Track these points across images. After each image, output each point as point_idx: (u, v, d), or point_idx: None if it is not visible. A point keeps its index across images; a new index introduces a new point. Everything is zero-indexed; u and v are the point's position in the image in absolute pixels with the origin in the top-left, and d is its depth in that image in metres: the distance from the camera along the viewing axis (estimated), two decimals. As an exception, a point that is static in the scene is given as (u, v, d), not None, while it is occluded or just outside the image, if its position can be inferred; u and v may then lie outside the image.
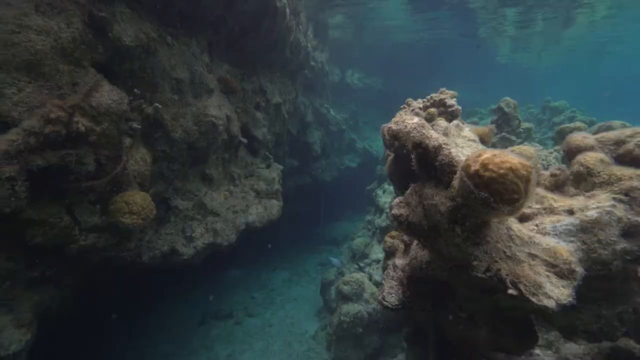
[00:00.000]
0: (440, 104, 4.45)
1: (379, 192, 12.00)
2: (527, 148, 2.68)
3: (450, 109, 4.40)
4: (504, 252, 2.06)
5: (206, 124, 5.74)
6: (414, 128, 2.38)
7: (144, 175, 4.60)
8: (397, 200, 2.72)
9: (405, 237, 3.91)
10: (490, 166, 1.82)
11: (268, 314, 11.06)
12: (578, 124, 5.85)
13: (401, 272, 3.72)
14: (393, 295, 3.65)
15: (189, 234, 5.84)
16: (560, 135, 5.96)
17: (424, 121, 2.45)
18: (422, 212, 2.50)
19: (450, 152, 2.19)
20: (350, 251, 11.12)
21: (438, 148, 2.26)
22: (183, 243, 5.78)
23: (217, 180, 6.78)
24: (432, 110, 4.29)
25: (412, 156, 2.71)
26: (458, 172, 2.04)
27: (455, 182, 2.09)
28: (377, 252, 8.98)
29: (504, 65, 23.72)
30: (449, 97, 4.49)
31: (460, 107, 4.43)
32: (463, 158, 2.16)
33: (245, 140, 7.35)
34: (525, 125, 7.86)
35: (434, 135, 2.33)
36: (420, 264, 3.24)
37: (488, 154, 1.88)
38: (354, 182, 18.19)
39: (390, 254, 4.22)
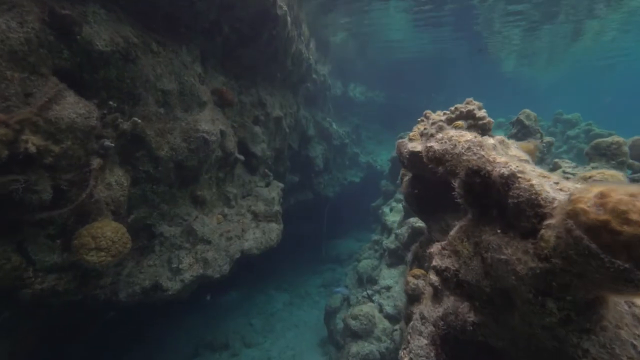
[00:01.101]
0: (469, 115, 3.74)
1: (386, 210, 11.19)
2: (615, 173, 1.92)
3: (480, 122, 3.69)
4: (634, 346, 1.29)
5: (197, 140, 5.03)
6: (469, 148, 1.64)
7: (118, 201, 3.84)
8: (438, 246, 1.96)
9: (435, 279, 3.09)
10: (634, 216, 1.06)
11: (267, 344, 10.07)
12: (616, 137, 5.12)
13: (433, 328, 2.90)
14: (423, 358, 2.82)
15: (176, 265, 5.03)
16: (597, 151, 5.21)
17: (480, 138, 1.71)
18: (481, 269, 1.72)
19: (532, 185, 1.43)
20: (355, 274, 10.22)
21: (510, 178, 1.51)
22: (168, 276, 4.96)
23: (210, 202, 6.01)
24: (460, 123, 3.57)
25: (456, 184, 1.96)
26: (558, 219, 1.28)
27: (550, 234, 1.33)
28: (387, 278, 8.10)
29: (508, 77, 23.29)
30: (477, 108, 3.78)
31: (492, 120, 3.72)
32: (555, 194, 1.41)
33: (242, 157, 6.62)
34: (547, 139, 7.15)
35: (499, 158, 1.59)
36: (463, 324, 2.42)
37: (620, 193, 1.12)
38: (357, 197, 17.41)
39: (414, 298, 3.42)
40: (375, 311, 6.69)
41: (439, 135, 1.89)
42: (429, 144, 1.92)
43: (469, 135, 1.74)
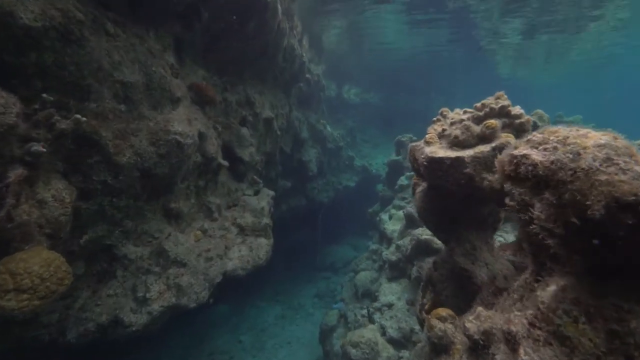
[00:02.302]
0: (502, 113, 2.95)
1: (384, 217, 10.39)
2: None
3: (517, 121, 2.90)
4: None
5: (168, 143, 4.13)
6: (607, 159, 0.84)
7: (57, 222, 2.93)
8: (523, 320, 1.15)
9: (472, 327, 2.26)
10: None
11: (257, 365, 9.17)
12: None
13: (476, 404, 2.08)
14: None
15: (142, 294, 4.12)
16: (631, 155, 4.47)
17: (624, 141, 0.92)
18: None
19: None
20: (353, 287, 9.38)
21: None
22: (132, 308, 4.04)
23: (188, 215, 5.11)
24: (493, 122, 2.78)
25: (544, 213, 1.14)
26: None
27: None
28: (388, 294, 7.29)
29: (504, 79, 22.82)
30: (511, 105, 3.00)
31: (530, 118, 2.94)
32: None
33: (226, 163, 5.74)
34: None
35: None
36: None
37: None
38: (352, 202, 16.63)
39: (440, 349, 2.60)
40: (378, 335, 5.86)
41: (537, 136, 1.06)
42: (520, 152, 1.08)
43: (601, 136, 0.92)
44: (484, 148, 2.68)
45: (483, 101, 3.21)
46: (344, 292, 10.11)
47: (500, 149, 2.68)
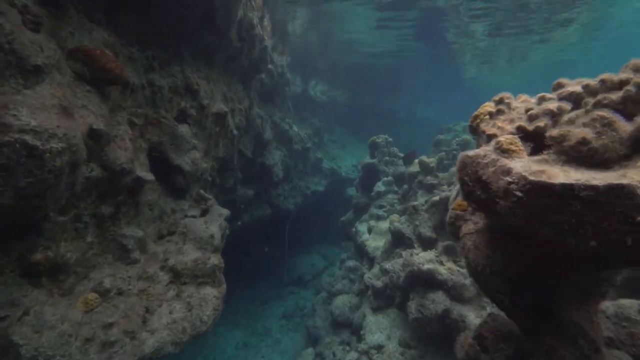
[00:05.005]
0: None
1: (361, 228, 8.91)
2: None
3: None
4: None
5: (7, 149, 2.10)
6: None
7: None
8: None
9: None
10: None
11: None
12: None
13: None
14: None
15: None
16: None
17: None
18: None
19: None
20: (329, 314, 7.76)
21: None
22: None
23: (82, 262, 3.04)
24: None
25: None
26: None
27: None
28: (375, 330, 5.77)
29: (470, 80, 22.79)
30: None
31: None
32: None
33: (150, 177, 3.73)
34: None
35: None
36: None
37: None
38: (321, 207, 15.04)
39: None
40: (371, 402, 4.28)
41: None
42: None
43: None
44: (684, 169, 1.19)
45: (602, 76, 1.73)
46: (317, 318, 8.45)
47: None
